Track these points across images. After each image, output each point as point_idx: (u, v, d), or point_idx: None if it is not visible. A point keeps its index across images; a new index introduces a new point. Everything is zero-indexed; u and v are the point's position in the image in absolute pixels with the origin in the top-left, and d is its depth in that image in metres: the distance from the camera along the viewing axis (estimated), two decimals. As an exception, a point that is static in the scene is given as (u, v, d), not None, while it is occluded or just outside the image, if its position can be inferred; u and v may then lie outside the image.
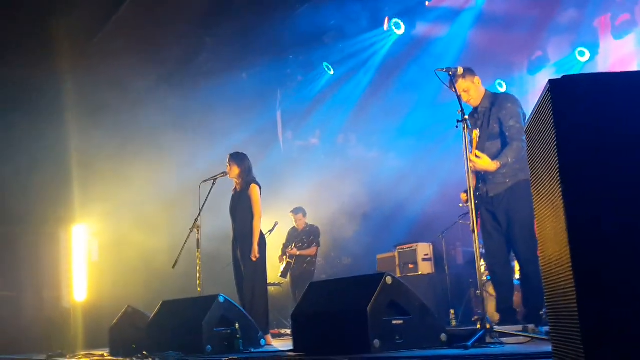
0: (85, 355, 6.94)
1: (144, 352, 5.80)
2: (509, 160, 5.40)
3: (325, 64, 11.11)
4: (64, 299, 10.21)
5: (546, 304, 2.94)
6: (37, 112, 9.78)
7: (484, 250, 5.78)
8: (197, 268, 7.03)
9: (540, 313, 5.51)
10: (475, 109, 5.72)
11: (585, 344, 2.16)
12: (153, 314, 6.38)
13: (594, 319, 2.18)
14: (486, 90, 5.74)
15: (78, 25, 9.13)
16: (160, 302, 6.46)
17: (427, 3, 9.56)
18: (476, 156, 5.31)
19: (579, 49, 8.92)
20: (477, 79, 5.63)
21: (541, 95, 2.72)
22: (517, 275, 7.61)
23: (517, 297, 6.20)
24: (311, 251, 9.81)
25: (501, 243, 5.61)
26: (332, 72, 11.17)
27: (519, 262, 5.71)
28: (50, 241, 10.43)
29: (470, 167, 5.38)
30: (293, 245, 9.85)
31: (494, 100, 5.64)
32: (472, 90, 5.61)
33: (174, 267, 6.97)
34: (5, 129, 9.66)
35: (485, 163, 5.34)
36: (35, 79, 9.77)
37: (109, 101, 9.87)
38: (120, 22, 9.16)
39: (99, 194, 9.95)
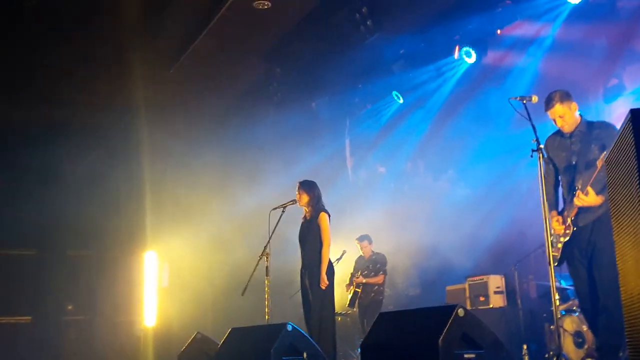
0: (156, 381, 7.07)
1: (213, 379, 5.85)
2: None
3: (394, 92, 11.10)
4: (136, 325, 10.43)
5: (627, 340, 2.82)
6: (112, 143, 10.14)
7: (559, 284, 5.57)
8: (266, 296, 7.06)
9: (620, 354, 5.25)
10: (567, 133, 5.50)
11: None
12: (222, 341, 6.43)
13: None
14: (581, 116, 5.55)
15: (153, 58, 9.45)
16: (229, 329, 6.51)
17: (498, 31, 9.44)
18: (586, 194, 5.12)
19: (657, 76, 8.63)
20: (574, 104, 5.43)
21: (622, 125, 2.64)
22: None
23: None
24: (378, 279, 9.71)
25: (589, 283, 5.34)
26: (401, 101, 11.15)
27: (599, 293, 5.40)
28: (123, 267, 10.73)
29: (577, 204, 5.22)
30: (359, 273, 9.79)
31: (590, 125, 5.43)
32: (568, 116, 5.41)
33: (243, 294, 7.02)
34: (82, 159, 10.06)
35: (592, 199, 5.13)
36: (110, 110, 10.16)
37: (180, 131, 10.15)
38: (193, 54, 9.43)
39: (171, 221, 10.19)
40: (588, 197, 5.14)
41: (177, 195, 10.22)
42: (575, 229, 5.35)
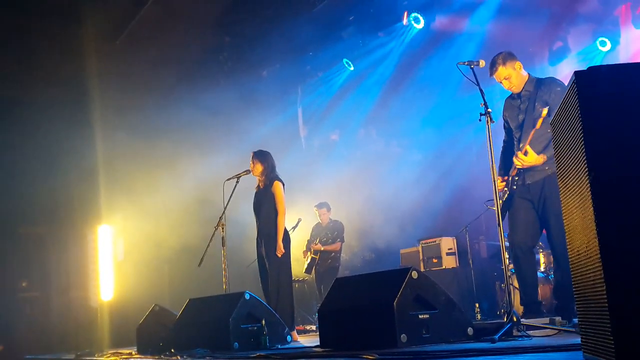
0: (114, 354, 7.03)
1: (172, 350, 5.87)
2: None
3: (345, 59, 11.09)
4: (92, 299, 10.34)
5: (575, 296, 2.93)
6: (63, 115, 9.91)
7: (507, 243, 5.70)
8: (223, 266, 7.09)
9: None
10: (517, 94, 5.57)
11: (615, 336, 2.15)
12: (180, 312, 6.45)
13: (623, 310, 2.17)
14: (529, 74, 5.60)
15: (101, 28, 9.23)
16: (187, 300, 6.53)
17: (445, -4, 9.51)
18: (525, 153, 5.22)
19: (600, 38, 8.80)
20: (518, 64, 5.47)
21: (567, 86, 2.71)
22: (541, 268, 7.57)
23: (541, 290, 6.11)
24: (335, 247, 9.82)
25: (527, 235, 5.47)
26: (352, 68, 11.14)
27: (554, 253, 5.50)
28: (77, 242, 10.57)
29: (518, 165, 5.32)
30: (317, 240, 9.87)
31: (538, 83, 5.48)
32: (514, 77, 5.47)
33: (199, 265, 7.02)
34: (31, 131, 9.82)
35: (532, 159, 5.24)
36: (60, 81, 9.90)
37: (132, 102, 9.98)
38: (141, 24, 9.24)
39: (125, 194, 10.06)
40: (528, 157, 5.26)
41: (132, 168, 10.07)
42: (515, 187, 5.47)
